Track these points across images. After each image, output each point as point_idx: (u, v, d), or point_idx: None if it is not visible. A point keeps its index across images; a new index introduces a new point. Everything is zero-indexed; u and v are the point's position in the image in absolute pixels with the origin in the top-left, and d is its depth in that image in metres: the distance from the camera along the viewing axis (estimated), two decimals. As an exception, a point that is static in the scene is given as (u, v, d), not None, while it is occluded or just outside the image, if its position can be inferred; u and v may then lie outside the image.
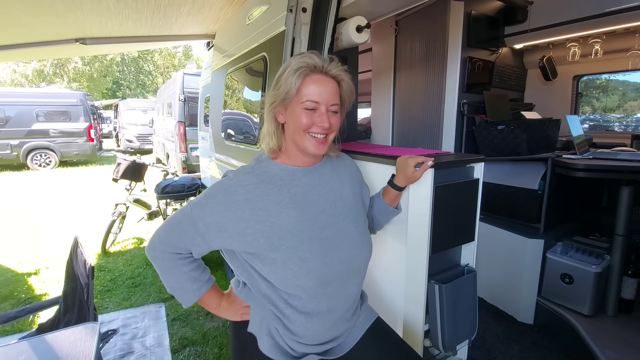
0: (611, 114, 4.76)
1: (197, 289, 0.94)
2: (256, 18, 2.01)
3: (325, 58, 0.90)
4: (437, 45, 2.41)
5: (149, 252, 0.92)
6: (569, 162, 1.68)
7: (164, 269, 0.92)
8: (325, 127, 0.87)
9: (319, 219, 0.91)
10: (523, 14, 2.36)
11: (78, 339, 1.25)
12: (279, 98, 0.89)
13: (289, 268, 0.84)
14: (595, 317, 1.73)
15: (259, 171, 0.91)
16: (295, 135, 0.90)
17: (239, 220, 0.84)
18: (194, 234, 0.86)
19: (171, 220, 0.90)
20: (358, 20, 1.67)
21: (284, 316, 0.90)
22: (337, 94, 0.90)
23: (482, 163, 1.38)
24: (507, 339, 1.78)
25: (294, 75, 0.86)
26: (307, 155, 0.94)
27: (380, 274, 1.42)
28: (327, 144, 0.92)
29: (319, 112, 0.87)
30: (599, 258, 1.77)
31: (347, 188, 1.02)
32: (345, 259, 0.91)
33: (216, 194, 0.87)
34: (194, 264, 0.93)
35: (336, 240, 0.91)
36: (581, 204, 2.17)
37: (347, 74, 0.92)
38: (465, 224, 1.38)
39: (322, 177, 0.98)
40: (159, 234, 0.91)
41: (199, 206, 0.87)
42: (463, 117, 2.30)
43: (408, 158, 1.11)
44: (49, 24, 2.19)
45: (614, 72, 2.56)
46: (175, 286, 0.93)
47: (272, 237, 0.84)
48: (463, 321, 1.36)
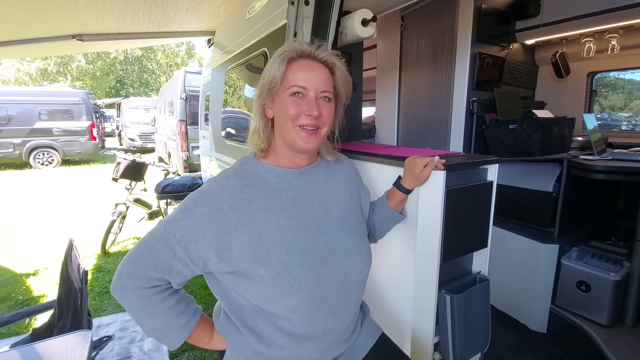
0: (619, 112, 4.64)
1: (185, 324, 0.80)
2: (257, 12, 1.93)
3: (314, 44, 0.82)
4: (446, 40, 2.32)
5: (117, 292, 0.76)
6: (587, 163, 1.59)
7: (142, 309, 0.76)
8: (315, 115, 0.77)
9: (311, 229, 0.81)
10: (535, 8, 2.26)
11: (69, 348, 1.20)
12: (265, 88, 0.82)
13: (278, 286, 0.73)
14: (613, 328, 1.64)
15: (244, 173, 0.82)
16: (283, 129, 0.81)
17: (224, 232, 0.73)
18: (171, 260, 0.73)
19: (140, 247, 0.76)
20: (364, 13, 1.59)
21: (269, 345, 0.79)
22: (328, 81, 0.81)
23: (496, 165, 1.30)
24: (519, 349, 1.69)
25: (277, 60, 0.79)
26: (297, 154, 0.84)
27: (386, 283, 1.34)
28: (319, 138, 0.81)
29: (307, 100, 0.78)
30: (618, 265, 1.68)
31: (344, 192, 0.93)
32: (340, 273, 0.81)
33: (195, 206, 0.75)
34: (175, 296, 0.79)
35: (330, 252, 0.81)
36: (596, 207, 2.08)
37: (339, 60, 0.83)
38: (478, 229, 1.30)
39: (316, 180, 0.88)
40: (126, 267, 0.75)
41: (173, 224, 0.74)
42: (472, 115, 2.21)
43: (417, 158, 1.02)
44: (43, 20, 2.13)
45: (631, 69, 2.45)
46: (157, 327, 0.78)
47: (260, 250, 0.74)
48: (475, 333, 1.28)
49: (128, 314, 0.80)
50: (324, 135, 0.83)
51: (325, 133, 0.83)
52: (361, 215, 0.98)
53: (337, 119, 0.90)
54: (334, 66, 0.82)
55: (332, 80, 0.82)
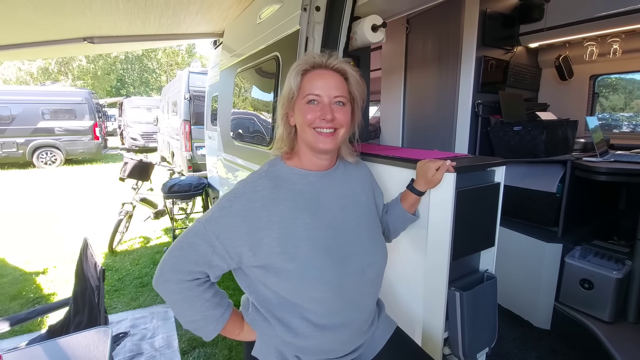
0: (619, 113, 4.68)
1: (221, 316, 0.85)
2: (268, 17, 1.97)
3: (326, 54, 0.89)
4: (451, 43, 2.36)
5: (161, 285, 0.82)
6: (590, 165, 1.64)
7: (183, 301, 0.82)
8: (329, 119, 0.84)
9: (332, 226, 0.88)
10: (539, 12, 2.30)
11: (91, 344, 1.24)
12: (285, 99, 0.89)
13: (305, 279, 0.80)
14: (616, 324, 1.69)
15: (272, 175, 0.89)
16: (303, 133, 0.88)
17: (256, 229, 0.80)
18: (210, 255, 0.79)
19: (180, 243, 0.82)
20: (373, 19, 1.63)
21: (297, 334, 0.85)
22: (341, 87, 0.87)
23: (503, 167, 1.35)
24: (524, 345, 1.75)
25: (292, 74, 0.87)
26: (318, 155, 0.90)
27: (397, 281, 1.39)
28: (337, 140, 0.88)
29: (321, 105, 0.85)
30: (620, 263, 1.73)
31: (360, 193, 0.99)
32: (359, 268, 0.88)
33: (230, 204, 0.82)
34: (213, 288, 0.86)
35: (349, 248, 0.88)
36: (599, 207, 2.12)
37: (351, 66, 0.90)
38: (486, 229, 1.35)
39: (335, 182, 0.95)
40: (168, 262, 0.81)
41: (212, 221, 0.80)
42: (477, 117, 2.25)
43: (429, 162, 1.07)
44: (58, 23, 2.17)
45: (633, 72, 2.50)
46: (195, 318, 0.83)
47: (288, 246, 0.81)
48: (483, 328, 1.33)
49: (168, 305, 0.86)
50: (342, 136, 0.89)
51: (344, 134, 0.89)
52: (376, 214, 1.04)
53: (356, 121, 0.96)
54: (345, 72, 0.89)
55: (345, 85, 0.88)
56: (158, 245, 3.96)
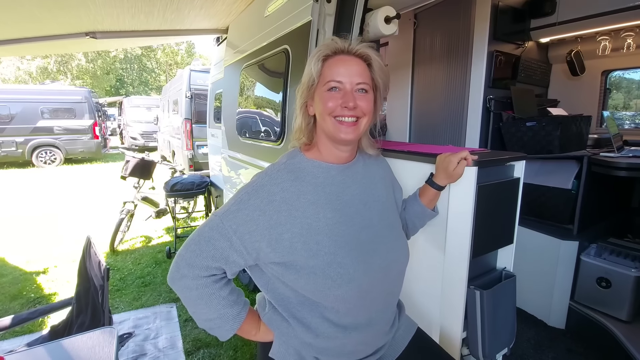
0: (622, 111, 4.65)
1: (237, 314, 0.81)
2: (276, 10, 1.93)
3: (348, 39, 0.83)
4: (461, 38, 2.32)
5: (176, 282, 0.78)
6: (609, 160, 1.60)
7: (199, 299, 0.78)
8: (351, 107, 0.78)
9: (355, 222, 0.83)
10: (551, 6, 2.26)
11: (97, 345, 1.20)
12: (305, 87, 0.84)
13: (329, 276, 0.75)
14: (634, 323, 1.65)
15: (292, 167, 0.84)
16: (323, 123, 0.82)
17: (276, 224, 0.75)
18: (228, 250, 0.76)
19: (197, 237, 0.78)
20: (387, 10, 1.59)
21: (317, 335, 0.81)
22: (364, 73, 0.82)
23: (523, 161, 1.31)
24: (540, 345, 1.71)
25: (313, 60, 0.82)
26: (339, 146, 0.85)
27: (414, 279, 1.34)
28: (359, 130, 0.82)
29: (343, 92, 0.80)
30: (637, 261, 1.69)
31: (380, 188, 0.95)
32: (383, 265, 0.83)
33: (249, 198, 0.77)
34: (229, 285, 0.82)
35: (373, 244, 0.83)
36: (613, 204, 2.08)
37: (374, 51, 0.84)
38: (506, 225, 1.31)
39: (356, 176, 0.90)
40: (184, 257, 0.78)
41: (229, 215, 0.76)
42: (489, 113, 2.21)
43: (450, 155, 1.03)
44: (60, 17, 2.12)
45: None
46: (211, 317, 0.79)
47: (310, 242, 0.76)
48: (502, 328, 1.29)
49: (184, 303, 0.80)
50: (365, 125, 0.84)
51: (366, 124, 0.84)
52: (396, 210, 1.00)
53: (378, 110, 0.90)
54: (369, 58, 0.83)
55: (368, 72, 0.83)
56: (160, 244, 3.91)
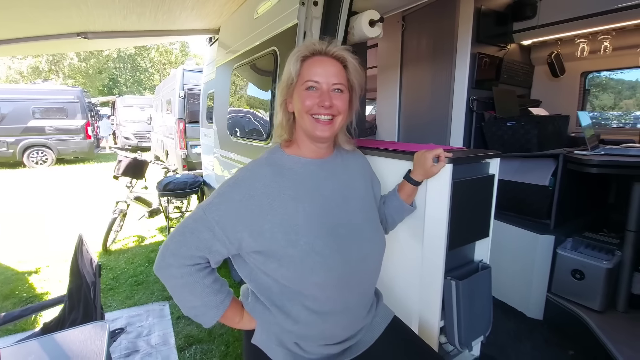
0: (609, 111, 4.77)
1: (221, 302, 0.86)
2: (265, 12, 1.98)
3: (325, 41, 0.89)
4: (446, 41, 2.39)
5: (162, 270, 0.82)
6: (582, 158, 1.67)
7: (183, 287, 0.82)
8: (327, 106, 0.84)
9: (334, 214, 0.89)
10: (532, 10, 2.35)
11: (88, 338, 1.22)
12: (284, 85, 0.90)
13: (308, 265, 0.81)
14: (606, 313, 1.73)
15: (272, 162, 0.89)
16: (301, 120, 0.88)
17: (257, 216, 0.81)
18: (211, 240, 0.80)
19: (181, 229, 0.83)
20: (371, 14, 1.65)
21: (297, 322, 0.86)
22: (340, 74, 0.87)
23: (497, 159, 1.38)
24: (519, 336, 1.78)
25: (292, 60, 0.87)
26: (316, 143, 0.91)
27: (395, 271, 1.40)
28: (334, 127, 0.88)
29: (320, 92, 0.85)
30: (610, 254, 1.77)
31: (359, 183, 1.00)
32: (360, 255, 0.89)
33: (231, 191, 0.83)
34: (213, 274, 0.87)
35: (350, 236, 0.89)
36: (590, 200, 2.17)
37: (351, 54, 0.90)
38: (481, 220, 1.38)
39: (334, 170, 0.95)
40: (169, 247, 0.82)
41: (212, 207, 0.81)
42: (472, 113, 2.29)
43: (426, 152, 1.09)
44: (52, 17, 2.14)
45: (623, 69, 2.56)
46: (196, 304, 0.84)
47: (290, 232, 0.81)
48: (478, 317, 1.36)
49: (169, 292, 0.85)
50: (340, 123, 0.89)
51: (341, 122, 0.90)
52: (374, 203, 1.05)
53: (353, 109, 0.96)
54: (345, 60, 0.89)
55: (344, 72, 0.89)
56: (153, 244, 3.93)
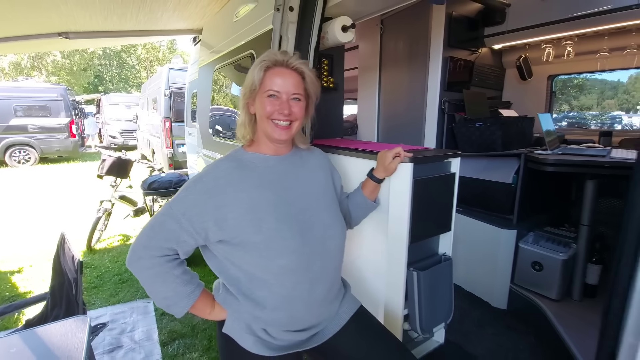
0: (588, 111, 4.97)
1: (191, 292, 0.92)
2: (243, 16, 2.04)
3: (288, 54, 0.99)
4: (420, 44, 2.49)
5: (133, 263, 0.88)
6: (539, 157, 1.80)
7: (154, 278, 0.89)
8: (286, 114, 0.94)
9: (295, 204, 0.97)
10: (501, 16, 2.47)
11: (69, 332, 1.25)
12: (248, 90, 0.98)
13: (272, 248, 0.88)
14: (562, 302, 1.86)
15: (235, 158, 0.98)
16: (261, 123, 0.97)
17: (221, 205, 0.88)
18: (178, 231, 0.87)
19: (151, 223, 0.89)
20: (343, 20, 1.73)
21: (264, 307, 0.92)
22: (299, 85, 0.97)
23: (458, 158, 1.48)
24: (482, 324, 1.90)
25: (256, 68, 0.96)
26: (274, 143, 1.00)
27: (362, 263, 1.49)
28: (291, 131, 0.98)
29: (280, 101, 0.95)
30: (566, 247, 1.90)
31: (318, 175, 1.09)
32: (320, 239, 0.97)
33: (195, 184, 0.91)
34: (182, 266, 0.93)
35: (310, 222, 0.97)
36: (553, 197, 2.31)
37: (308, 67, 1.01)
38: (443, 215, 1.47)
39: (294, 165, 1.05)
40: (140, 241, 0.88)
41: (178, 201, 0.88)
42: (444, 114, 2.40)
43: (387, 151, 1.19)
44: (32, 18, 2.16)
45: (584, 73, 2.71)
46: (167, 294, 0.90)
47: (254, 219, 0.89)
48: (439, 305, 1.46)
49: (142, 284, 0.91)
50: (297, 127, 1.00)
51: (298, 126, 1.00)
52: (335, 194, 1.14)
53: (309, 114, 1.07)
54: (303, 73, 0.99)
55: (302, 84, 0.99)
56: (138, 242, 3.94)
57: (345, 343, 1.04)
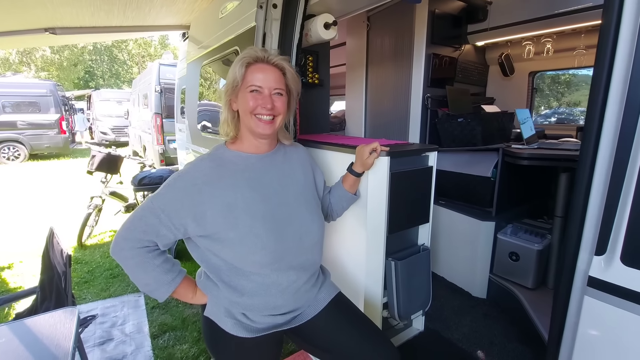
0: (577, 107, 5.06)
1: (172, 280, 0.96)
2: (229, 12, 2.07)
3: (267, 50, 1.03)
4: (405, 41, 2.54)
5: (116, 253, 0.93)
6: (516, 151, 1.86)
7: (135, 267, 0.93)
8: (269, 108, 0.98)
9: (272, 200, 1.00)
10: (483, 13, 2.52)
11: (57, 322, 1.27)
12: (230, 86, 1.01)
13: (245, 244, 0.93)
14: (537, 290, 1.94)
15: (215, 157, 1.01)
16: (244, 119, 1.00)
17: (198, 203, 0.92)
18: (158, 225, 0.91)
19: (132, 217, 0.93)
20: (325, 17, 1.76)
21: (242, 294, 0.97)
22: (280, 80, 1.01)
23: (435, 152, 1.53)
24: (462, 312, 1.97)
25: (237, 65, 0.98)
26: (258, 139, 1.03)
27: (343, 253, 1.55)
28: (275, 126, 1.01)
29: (262, 96, 0.98)
30: (542, 237, 1.98)
31: (299, 173, 1.13)
32: (297, 236, 1.01)
33: (174, 182, 0.94)
34: (163, 256, 0.97)
35: (288, 219, 1.01)
36: (532, 190, 2.38)
37: (289, 63, 1.05)
38: (420, 207, 1.53)
39: (275, 162, 1.08)
40: (121, 233, 0.92)
41: (158, 197, 0.92)
42: (427, 110, 2.46)
43: (364, 146, 1.23)
44: (17, 14, 2.15)
45: (563, 69, 2.78)
46: (148, 281, 0.94)
47: (229, 217, 0.93)
48: (417, 294, 1.52)
49: (125, 271, 0.96)
50: (280, 122, 1.04)
51: (281, 121, 1.04)
52: (315, 191, 1.18)
53: (292, 109, 1.11)
54: (284, 68, 1.03)
55: (283, 79, 1.03)
56: (129, 237, 3.95)
57: (323, 326, 1.09)
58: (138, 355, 2.05)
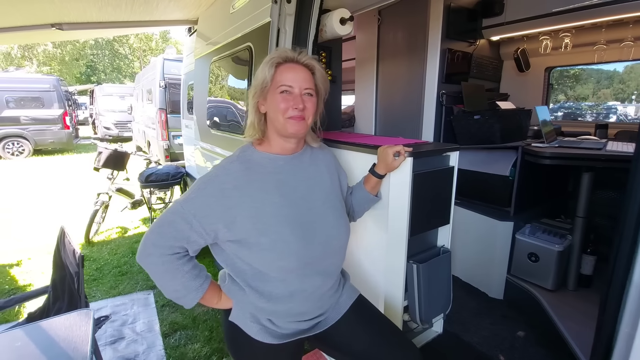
0: (584, 102, 5.00)
1: (200, 286, 0.94)
2: (241, 7, 2.01)
3: (297, 50, 1.00)
4: (418, 36, 2.48)
5: (143, 259, 0.90)
6: (537, 150, 1.81)
7: (164, 273, 0.91)
8: (300, 108, 0.95)
9: (300, 205, 0.98)
10: (499, 7, 2.45)
11: (73, 325, 1.26)
12: (258, 88, 0.98)
13: (274, 250, 0.91)
14: (558, 292, 1.90)
15: (244, 159, 0.98)
16: (275, 120, 0.97)
17: (228, 208, 0.89)
18: (188, 231, 0.88)
19: (161, 221, 0.90)
20: (342, 12, 1.71)
21: (269, 300, 0.95)
22: (310, 80, 0.98)
23: (457, 152, 1.49)
24: (480, 313, 1.94)
25: (267, 66, 0.96)
26: (288, 140, 1.00)
27: (363, 256, 1.52)
28: (306, 126, 0.99)
29: (293, 96, 0.95)
30: (562, 238, 1.94)
31: (325, 175, 1.10)
32: (323, 240, 0.98)
33: (205, 186, 0.91)
34: (192, 261, 0.95)
35: (315, 224, 0.98)
36: (550, 189, 2.34)
37: (318, 62, 1.01)
38: (441, 208, 1.49)
39: (302, 165, 1.05)
40: (150, 238, 0.90)
41: (189, 202, 0.89)
42: (442, 107, 2.40)
43: (387, 148, 1.19)
44: (24, 10, 2.11)
45: (582, 65, 2.71)
46: (177, 288, 0.92)
47: (258, 223, 0.90)
48: (438, 297, 1.49)
49: (152, 277, 0.93)
50: (310, 123, 1.01)
51: (311, 122, 1.01)
52: (340, 194, 1.15)
53: (319, 111, 1.07)
54: (313, 68, 1.00)
55: (313, 79, 0.99)
56: (136, 235, 3.96)
57: (345, 330, 1.07)
58: (150, 354, 2.04)
